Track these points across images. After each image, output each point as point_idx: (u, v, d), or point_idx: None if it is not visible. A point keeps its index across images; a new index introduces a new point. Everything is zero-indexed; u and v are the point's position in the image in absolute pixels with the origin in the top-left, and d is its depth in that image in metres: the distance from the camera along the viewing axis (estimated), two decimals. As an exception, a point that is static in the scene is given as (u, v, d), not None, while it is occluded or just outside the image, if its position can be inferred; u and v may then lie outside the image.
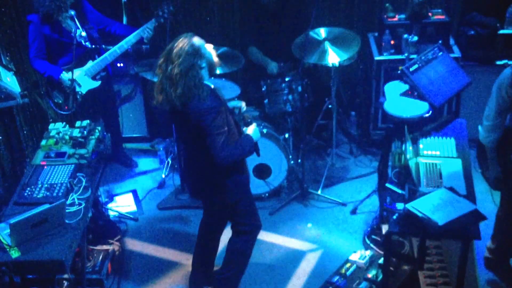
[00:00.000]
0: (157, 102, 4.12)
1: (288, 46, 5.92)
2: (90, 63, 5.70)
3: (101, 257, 5.02)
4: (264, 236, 5.52)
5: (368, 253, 5.01)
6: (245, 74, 6.58)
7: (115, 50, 5.69)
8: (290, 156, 5.93)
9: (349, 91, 6.89)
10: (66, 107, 5.72)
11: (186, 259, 5.28)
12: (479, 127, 4.39)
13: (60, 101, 5.72)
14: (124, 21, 6.42)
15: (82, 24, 5.65)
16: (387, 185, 4.22)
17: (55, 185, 4.38)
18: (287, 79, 5.88)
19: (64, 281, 4.72)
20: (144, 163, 6.78)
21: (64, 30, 5.56)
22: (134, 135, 7.03)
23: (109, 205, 5.91)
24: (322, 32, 5.93)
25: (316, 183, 6.14)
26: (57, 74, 5.58)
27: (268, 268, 5.15)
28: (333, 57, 5.78)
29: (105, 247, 5.13)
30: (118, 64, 6.56)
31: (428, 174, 4.23)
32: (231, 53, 6.00)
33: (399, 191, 4.09)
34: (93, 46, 5.74)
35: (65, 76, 5.58)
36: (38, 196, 4.29)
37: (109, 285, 4.95)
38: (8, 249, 3.82)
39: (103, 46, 5.86)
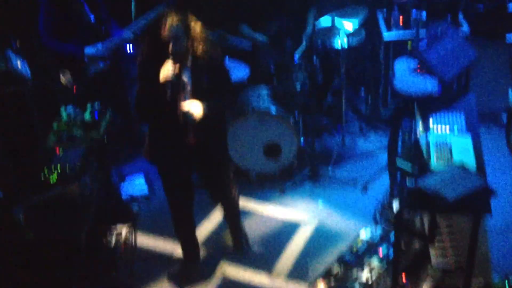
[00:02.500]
0: None
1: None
2: (99, 45, 5.71)
3: (114, 237, 5.07)
4: (276, 213, 5.57)
5: (379, 229, 5.03)
6: (254, 53, 6.58)
7: (125, 32, 5.68)
8: (300, 135, 5.94)
9: (359, 68, 6.87)
10: (74, 88, 5.74)
11: (199, 239, 5.31)
12: (510, 90, 4.46)
13: (69, 83, 5.73)
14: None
15: (92, 6, 5.64)
16: (397, 161, 4.22)
17: (67, 168, 4.41)
18: (295, 58, 5.88)
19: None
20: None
21: (74, 11, 5.55)
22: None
23: (121, 186, 5.95)
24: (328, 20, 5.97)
25: (326, 160, 6.15)
26: (79, 49, 5.59)
27: (279, 245, 5.18)
28: (346, 26, 5.81)
29: (117, 227, 5.17)
30: (127, 45, 6.57)
31: (438, 150, 4.23)
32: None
33: (409, 167, 4.10)
34: (103, 27, 5.73)
35: (89, 49, 5.59)
36: (52, 179, 4.32)
37: (123, 264, 4.99)
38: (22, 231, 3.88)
39: (112, 28, 5.85)
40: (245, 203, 5.64)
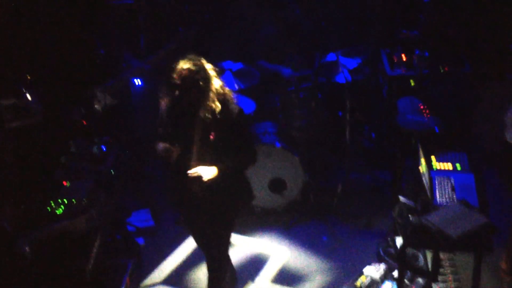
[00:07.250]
0: None
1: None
2: (110, 81, 5.79)
3: (120, 271, 5.07)
4: (280, 250, 5.59)
5: (383, 265, 5.04)
6: (260, 89, 6.65)
7: (135, 68, 5.76)
8: (305, 170, 5.98)
9: (363, 106, 6.94)
10: (84, 122, 5.81)
11: (204, 274, 5.31)
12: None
13: (80, 117, 5.80)
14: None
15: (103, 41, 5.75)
16: (401, 198, 4.26)
17: (74, 201, 4.45)
18: (301, 94, 5.95)
19: None
20: (162, 177, 6.85)
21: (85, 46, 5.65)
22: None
23: (127, 220, 5.97)
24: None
25: (331, 196, 6.17)
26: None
27: (284, 282, 5.20)
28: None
29: (123, 261, 5.18)
30: (136, 82, 6.65)
31: (441, 187, 4.27)
32: (247, 69, 6.09)
33: (412, 204, 4.14)
34: (114, 63, 5.81)
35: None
36: (58, 212, 4.37)
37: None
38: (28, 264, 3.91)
39: (126, 60, 5.94)
40: (250, 238, 5.69)
